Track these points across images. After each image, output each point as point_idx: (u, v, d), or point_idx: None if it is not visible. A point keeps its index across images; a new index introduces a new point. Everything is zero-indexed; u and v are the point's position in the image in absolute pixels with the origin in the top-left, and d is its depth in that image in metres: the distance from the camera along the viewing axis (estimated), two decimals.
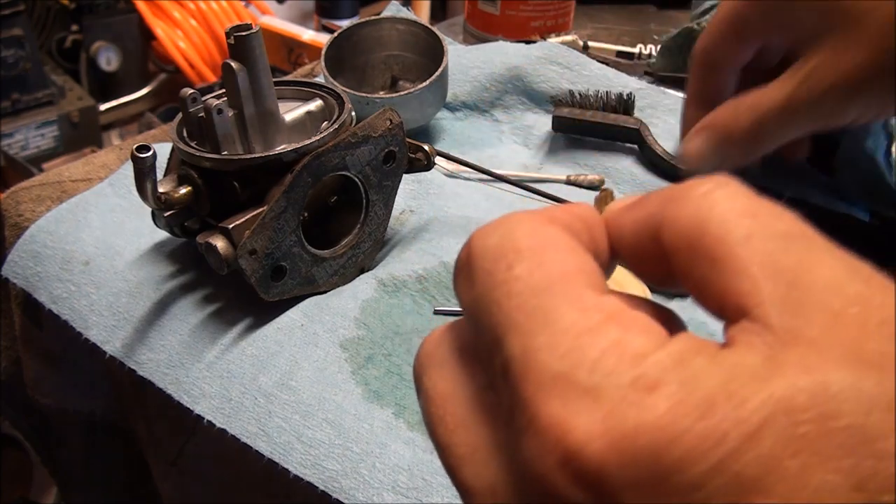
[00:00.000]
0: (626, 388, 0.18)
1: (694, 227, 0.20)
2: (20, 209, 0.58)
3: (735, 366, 0.18)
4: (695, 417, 0.17)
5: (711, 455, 0.17)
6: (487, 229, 0.22)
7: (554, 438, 0.18)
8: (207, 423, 0.43)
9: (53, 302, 0.51)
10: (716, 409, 0.17)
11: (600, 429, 0.17)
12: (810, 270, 0.19)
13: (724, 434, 0.17)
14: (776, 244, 0.19)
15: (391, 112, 0.49)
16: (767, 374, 0.17)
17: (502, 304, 0.21)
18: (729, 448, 0.16)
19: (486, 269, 0.21)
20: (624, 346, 0.19)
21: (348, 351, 0.45)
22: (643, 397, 0.17)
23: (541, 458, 0.18)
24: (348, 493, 0.39)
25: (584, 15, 0.91)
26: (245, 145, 0.47)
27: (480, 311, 0.21)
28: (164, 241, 0.53)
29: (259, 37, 0.45)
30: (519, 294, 0.20)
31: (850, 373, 0.17)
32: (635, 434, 0.17)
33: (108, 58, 1.77)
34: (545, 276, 0.20)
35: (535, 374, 0.19)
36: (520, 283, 0.21)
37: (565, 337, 0.19)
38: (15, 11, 1.54)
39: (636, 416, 0.17)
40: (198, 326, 0.47)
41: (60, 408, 0.60)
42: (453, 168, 0.62)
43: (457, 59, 0.71)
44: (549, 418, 0.18)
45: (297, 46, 1.58)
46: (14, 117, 1.59)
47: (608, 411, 0.18)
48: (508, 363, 0.20)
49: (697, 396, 0.17)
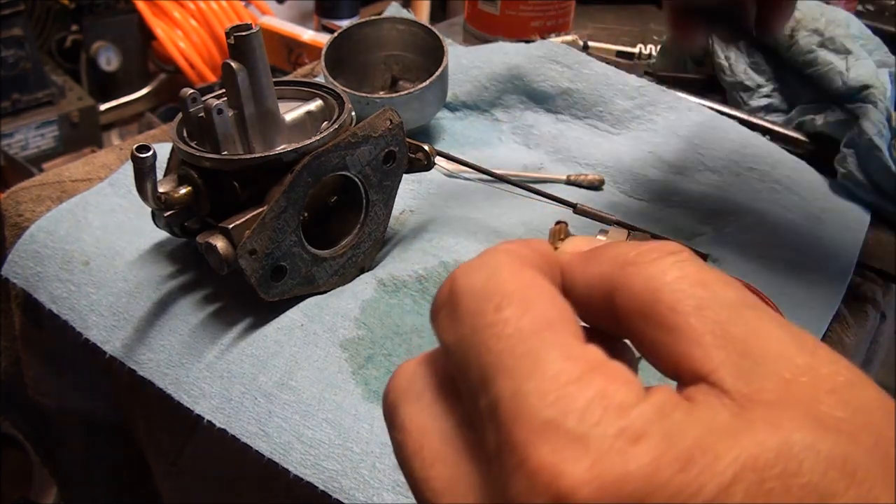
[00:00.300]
0: (613, 437, 0.19)
1: (647, 295, 0.22)
2: (20, 209, 0.58)
3: (709, 422, 0.19)
4: (676, 469, 0.18)
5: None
6: (471, 268, 0.23)
7: (545, 482, 0.19)
8: (207, 423, 0.43)
9: (53, 302, 0.50)
10: (694, 462, 0.18)
11: (589, 475, 0.19)
12: (760, 341, 0.21)
13: (702, 486, 0.18)
14: (727, 314, 0.21)
15: (391, 112, 0.49)
16: (738, 431, 0.19)
17: (491, 346, 0.21)
18: (705, 499, 0.18)
19: (473, 310, 0.22)
20: (609, 397, 0.20)
21: (348, 351, 0.45)
22: (629, 448, 0.19)
23: (530, 499, 0.19)
24: (348, 493, 0.39)
25: (584, 15, 0.91)
26: (245, 145, 0.47)
27: (466, 350, 0.22)
28: (164, 241, 0.53)
29: (259, 37, 0.45)
30: (509, 337, 0.21)
31: (810, 433, 0.19)
32: (622, 482, 0.18)
33: (108, 58, 1.77)
34: (533, 322, 0.21)
35: (526, 419, 0.20)
36: (509, 327, 0.21)
37: (554, 384, 0.20)
38: (15, 11, 1.53)
39: (623, 465, 0.19)
40: (198, 326, 0.47)
41: (60, 408, 0.60)
42: (453, 168, 0.62)
43: (457, 59, 0.71)
44: (539, 462, 0.19)
45: (297, 46, 1.58)
46: (14, 117, 1.59)
47: (596, 459, 0.19)
48: (497, 405, 0.21)
49: (678, 449, 0.19)
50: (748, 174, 0.64)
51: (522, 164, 0.66)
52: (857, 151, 0.62)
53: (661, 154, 0.66)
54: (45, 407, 0.61)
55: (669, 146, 0.66)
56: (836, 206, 0.62)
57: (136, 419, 0.53)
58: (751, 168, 0.64)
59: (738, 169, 0.64)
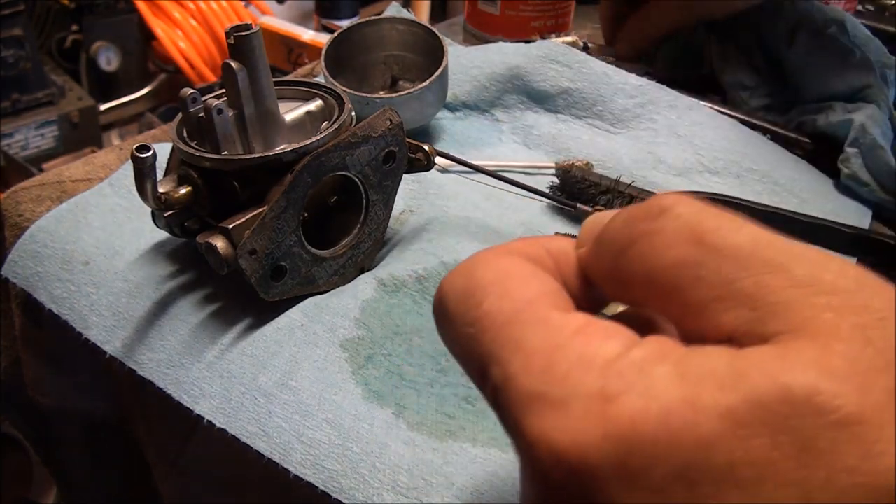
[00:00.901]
0: (591, 398, 0.20)
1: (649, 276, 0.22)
2: (20, 209, 0.58)
3: (697, 374, 0.19)
4: (654, 425, 0.18)
5: (670, 462, 0.18)
6: (454, 274, 0.25)
7: (544, 452, 0.20)
8: (207, 423, 0.43)
9: (53, 302, 0.50)
10: (672, 416, 0.18)
11: (575, 438, 0.19)
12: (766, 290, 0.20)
13: (681, 441, 0.18)
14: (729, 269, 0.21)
15: (391, 112, 0.49)
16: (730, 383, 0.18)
17: (479, 338, 0.22)
18: (685, 458, 0.18)
19: (458, 311, 0.23)
20: (590, 357, 0.20)
21: (348, 351, 0.45)
22: (606, 406, 0.19)
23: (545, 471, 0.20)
24: (348, 493, 0.39)
25: (584, 15, 0.91)
26: (245, 145, 0.47)
27: (462, 348, 0.23)
28: (164, 241, 0.53)
29: (259, 37, 0.45)
30: (491, 327, 0.22)
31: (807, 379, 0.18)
32: (608, 438, 0.19)
33: (108, 58, 1.77)
34: (512, 306, 0.22)
35: (516, 398, 0.21)
36: (490, 317, 0.22)
37: (536, 357, 0.21)
38: (15, 11, 1.53)
39: (602, 425, 0.19)
40: (198, 326, 0.47)
41: (60, 408, 0.60)
42: (450, 166, 0.62)
43: (457, 59, 0.71)
44: (533, 435, 0.20)
45: (297, 46, 1.58)
46: (14, 117, 1.59)
47: (577, 421, 0.19)
48: (496, 394, 0.22)
49: (657, 406, 0.19)
50: (748, 174, 0.64)
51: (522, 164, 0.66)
52: (861, 151, 0.62)
53: (660, 154, 0.66)
54: (45, 407, 0.61)
55: (669, 146, 0.66)
56: (836, 206, 0.62)
57: (136, 419, 0.53)
58: (751, 168, 0.64)
59: (738, 169, 0.64)
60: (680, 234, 0.21)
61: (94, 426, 0.61)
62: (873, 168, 0.61)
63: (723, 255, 0.21)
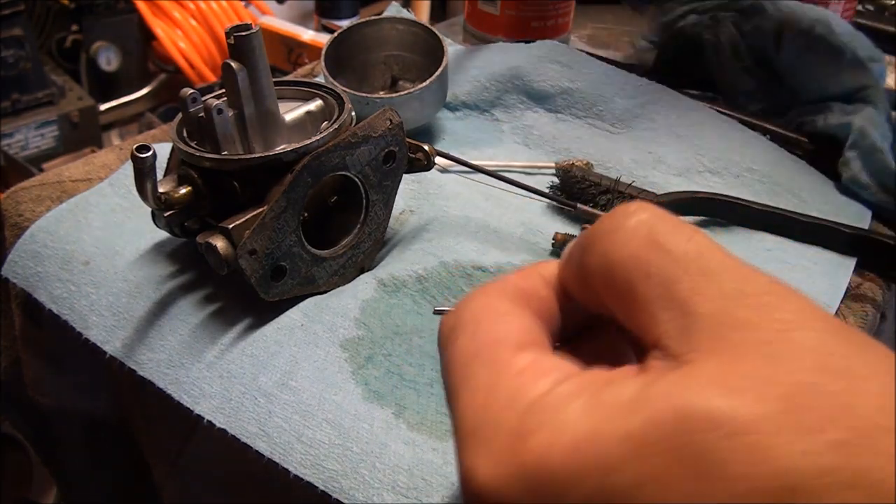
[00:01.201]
0: (510, 435, 0.21)
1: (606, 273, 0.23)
2: (20, 209, 0.58)
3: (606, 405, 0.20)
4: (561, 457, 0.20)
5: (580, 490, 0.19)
6: (453, 309, 0.26)
7: (468, 485, 0.21)
8: (207, 423, 0.43)
9: (53, 302, 0.50)
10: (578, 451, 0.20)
11: (493, 472, 0.21)
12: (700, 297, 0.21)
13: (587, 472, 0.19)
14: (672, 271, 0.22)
15: (391, 112, 0.49)
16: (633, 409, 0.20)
17: (449, 371, 0.24)
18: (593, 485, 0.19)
19: (442, 345, 0.25)
20: (521, 395, 0.22)
21: (348, 351, 0.45)
22: (520, 443, 0.21)
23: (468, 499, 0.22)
24: (348, 493, 0.39)
25: (584, 15, 0.91)
26: (245, 145, 0.47)
27: (442, 380, 0.25)
28: (164, 241, 0.53)
29: (259, 37, 0.45)
30: (456, 364, 0.24)
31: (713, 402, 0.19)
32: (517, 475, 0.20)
33: (108, 58, 1.77)
34: (475, 345, 0.24)
35: (459, 432, 0.23)
36: (457, 354, 0.24)
37: (478, 395, 0.23)
38: (15, 11, 1.53)
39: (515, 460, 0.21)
40: (198, 326, 0.47)
41: (60, 408, 0.60)
42: (452, 167, 0.62)
43: (457, 59, 0.71)
44: (463, 468, 0.22)
45: (297, 46, 1.58)
46: (14, 117, 1.59)
47: (497, 456, 0.21)
48: (454, 429, 0.23)
49: (566, 439, 0.20)
50: (748, 174, 0.64)
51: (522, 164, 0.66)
52: (860, 154, 0.62)
53: (661, 154, 0.66)
54: (45, 407, 0.61)
55: (670, 146, 0.66)
56: (836, 206, 0.62)
57: (136, 419, 0.53)
58: (751, 168, 0.64)
59: (737, 169, 0.64)
60: (637, 233, 0.23)
61: (94, 426, 0.61)
62: (873, 170, 0.61)
63: (671, 257, 0.22)
